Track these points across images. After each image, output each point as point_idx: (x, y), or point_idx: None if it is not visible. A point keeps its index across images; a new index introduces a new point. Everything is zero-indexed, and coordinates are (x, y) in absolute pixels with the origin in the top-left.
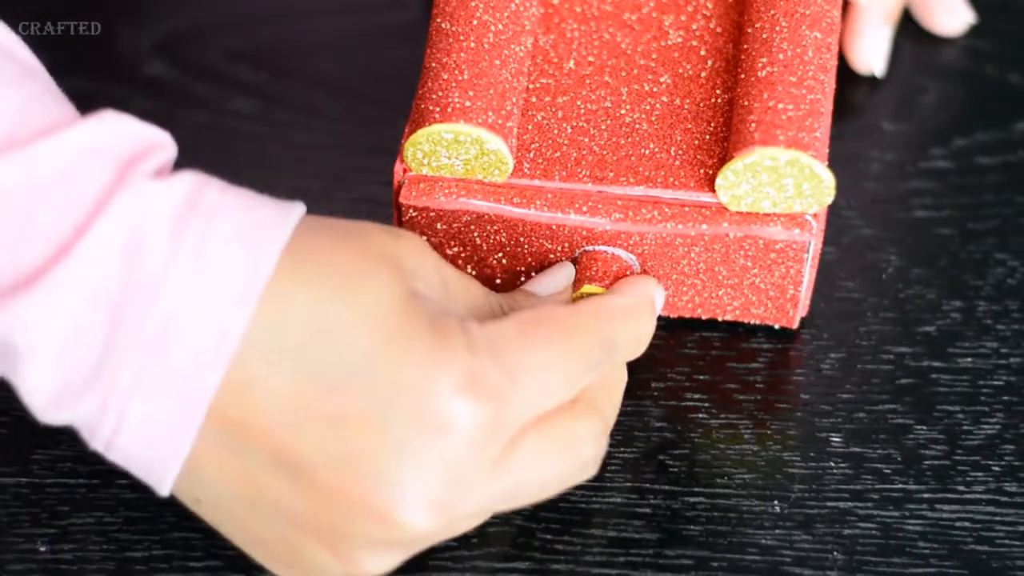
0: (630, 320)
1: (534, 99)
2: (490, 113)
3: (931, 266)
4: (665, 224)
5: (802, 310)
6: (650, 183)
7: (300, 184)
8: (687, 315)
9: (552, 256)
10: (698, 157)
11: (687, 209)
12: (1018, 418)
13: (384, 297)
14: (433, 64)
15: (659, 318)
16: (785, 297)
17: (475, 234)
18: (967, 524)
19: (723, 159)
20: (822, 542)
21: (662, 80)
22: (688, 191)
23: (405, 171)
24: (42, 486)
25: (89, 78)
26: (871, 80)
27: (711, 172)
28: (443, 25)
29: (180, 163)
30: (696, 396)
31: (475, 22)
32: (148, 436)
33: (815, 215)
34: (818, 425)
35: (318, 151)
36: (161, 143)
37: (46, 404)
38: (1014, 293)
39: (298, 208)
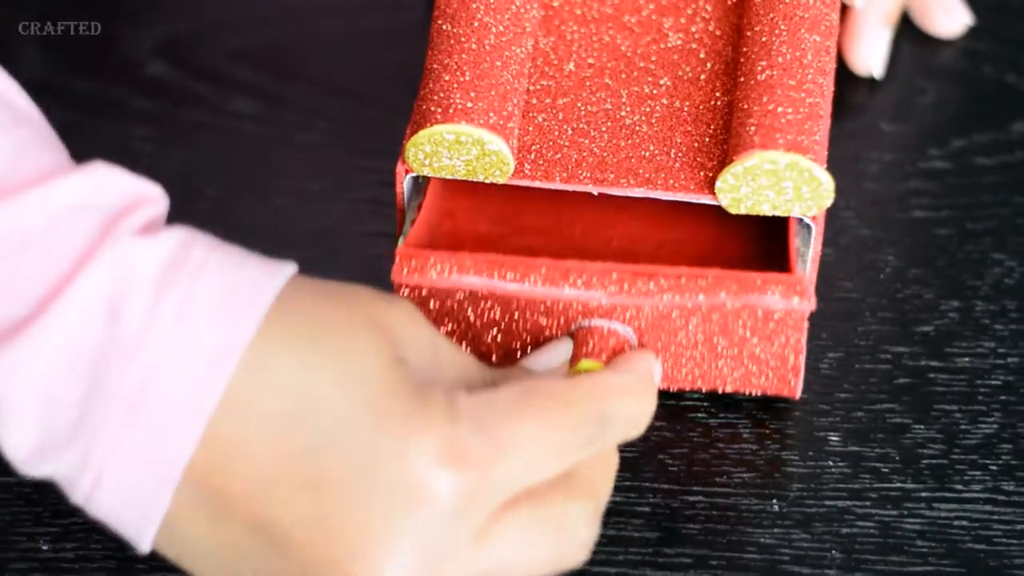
0: (627, 398)
1: (535, 101)
2: (491, 114)
3: (929, 266)
4: (662, 296)
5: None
6: (650, 185)
7: (301, 184)
8: (687, 387)
9: (548, 332)
10: (698, 159)
11: (684, 280)
12: (1016, 417)
13: (369, 363)
14: (435, 65)
15: (659, 393)
16: (786, 367)
17: (469, 311)
18: (965, 523)
19: (723, 161)
20: (820, 541)
21: (662, 82)
22: (688, 193)
23: (407, 170)
24: (44, 485)
25: (90, 79)
26: (870, 81)
27: (711, 174)
28: (444, 27)
29: (182, 165)
30: (695, 395)
31: (476, 24)
32: (126, 495)
33: (814, 217)
34: (816, 424)
35: (319, 151)
36: (150, 197)
37: (27, 458)
38: (1012, 293)
39: (287, 268)
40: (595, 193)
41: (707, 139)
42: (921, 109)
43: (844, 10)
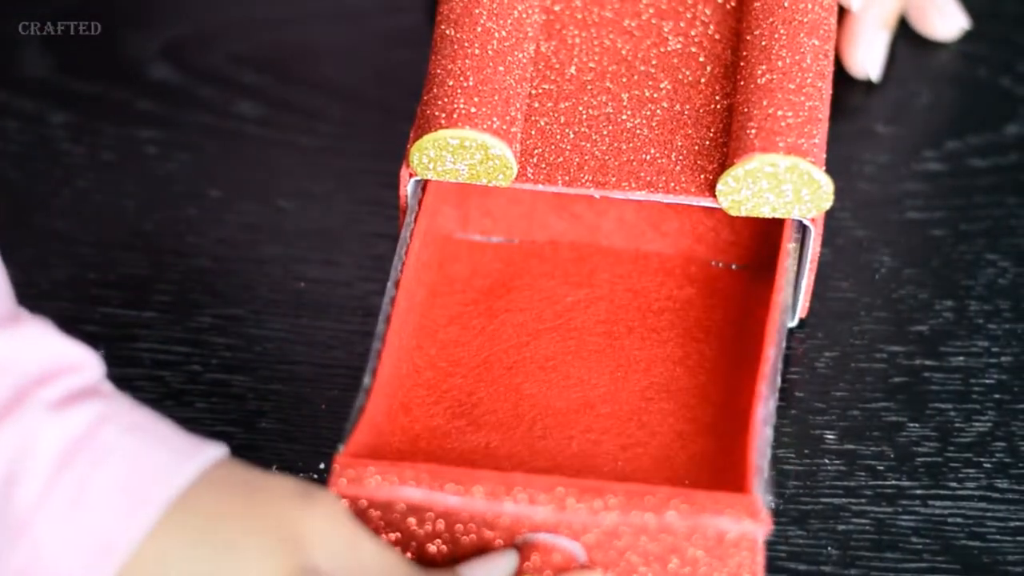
0: None
1: (536, 104)
2: (495, 119)
3: (923, 266)
4: (608, 514)
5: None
6: (651, 188)
7: (303, 186)
8: None
9: (494, 544)
10: (698, 162)
11: (632, 499)
12: (1009, 416)
13: (265, 570)
14: (438, 70)
15: None
16: None
17: (411, 521)
18: (959, 520)
19: (723, 164)
20: (816, 537)
21: (662, 86)
22: (689, 196)
23: (411, 174)
24: None
25: (95, 81)
26: (865, 83)
27: (711, 177)
28: (448, 32)
29: (186, 166)
30: None
31: (479, 29)
32: None
33: (813, 219)
34: (812, 422)
35: (321, 154)
36: (76, 365)
37: None
38: (1005, 293)
39: (206, 454)
40: (597, 196)
41: (707, 142)
42: (916, 111)
43: (842, 13)
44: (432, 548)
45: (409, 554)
